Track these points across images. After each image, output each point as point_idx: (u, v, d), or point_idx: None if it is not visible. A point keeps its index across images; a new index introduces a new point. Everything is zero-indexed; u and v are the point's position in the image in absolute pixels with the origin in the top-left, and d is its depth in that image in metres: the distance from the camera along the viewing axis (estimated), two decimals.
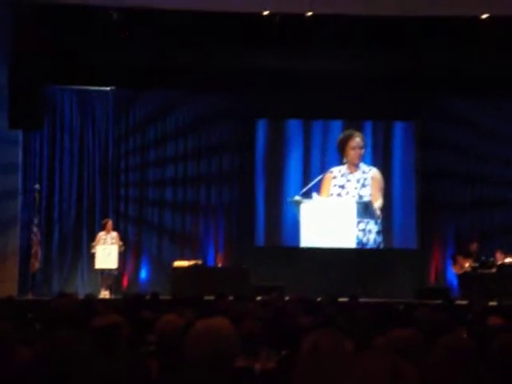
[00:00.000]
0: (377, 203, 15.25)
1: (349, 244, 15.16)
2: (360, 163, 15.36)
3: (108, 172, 15.30)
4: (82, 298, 8.36)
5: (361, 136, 15.42)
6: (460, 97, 15.30)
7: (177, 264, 14.15)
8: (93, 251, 13.93)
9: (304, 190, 15.17)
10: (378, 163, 15.46)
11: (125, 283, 14.90)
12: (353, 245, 15.19)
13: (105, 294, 13.51)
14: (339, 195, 15.31)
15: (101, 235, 13.99)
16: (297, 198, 15.17)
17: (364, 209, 15.19)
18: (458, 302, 10.28)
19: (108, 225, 14.09)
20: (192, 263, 14.16)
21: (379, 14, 12.32)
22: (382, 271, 14.90)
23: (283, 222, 15.36)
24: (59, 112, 15.15)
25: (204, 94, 15.28)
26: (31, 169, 14.75)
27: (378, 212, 15.24)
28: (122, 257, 14.38)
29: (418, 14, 12.30)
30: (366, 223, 15.22)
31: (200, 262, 14.39)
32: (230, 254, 15.15)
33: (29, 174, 14.65)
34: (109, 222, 14.16)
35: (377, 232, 15.24)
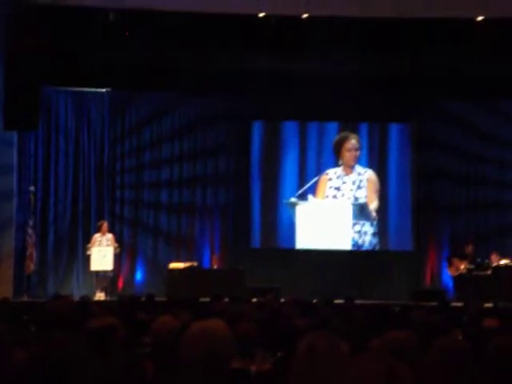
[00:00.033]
0: (372, 205, 15.26)
1: (344, 246, 15.17)
2: (356, 165, 15.37)
3: (103, 174, 15.28)
4: (78, 300, 8.35)
5: (356, 138, 15.44)
6: (455, 98, 15.33)
7: (172, 266, 14.15)
8: (88, 253, 13.92)
9: (300, 192, 15.18)
10: (374, 165, 15.48)
11: (120, 285, 14.89)
12: (348, 247, 15.21)
13: (100, 296, 13.50)
14: (335, 197, 15.32)
15: (96, 237, 13.98)
16: (292, 200, 15.17)
17: (360, 210, 15.21)
18: (454, 304, 10.29)
19: (103, 227, 14.07)
20: (187, 265, 14.17)
21: (375, 16, 12.34)
22: (378, 273, 14.91)
23: (279, 224, 15.36)
24: (54, 113, 15.13)
25: (200, 96, 15.28)
26: (26, 170, 14.71)
27: (374, 214, 15.25)
28: (118, 259, 14.38)
29: (414, 16, 12.32)
30: (362, 225, 15.23)
31: (195, 264, 14.40)
32: (226, 256, 15.15)
33: (24, 176, 14.61)
34: (104, 224, 14.14)
35: (372, 234, 15.25)
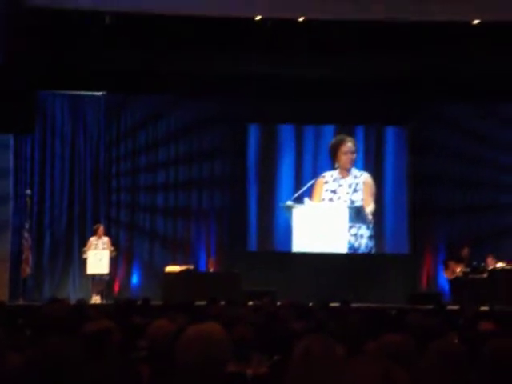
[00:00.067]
0: (368, 208, 15.27)
1: (340, 249, 15.17)
2: (352, 168, 15.38)
3: (99, 177, 15.26)
4: (74, 304, 8.33)
5: (352, 141, 15.44)
6: (452, 101, 15.35)
7: (168, 269, 14.13)
8: (84, 256, 13.90)
9: (296, 195, 15.18)
10: (370, 168, 15.48)
11: (116, 288, 14.86)
12: (344, 250, 15.21)
13: (96, 300, 13.48)
14: (331, 200, 15.32)
15: (92, 240, 13.96)
16: (289, 203, 15.17)
17: (356, 214, 15.21)
18: (450, 307, 10.30)
19: (99, 230, 14.06)
20: (184, 268, 14.15)
21: (371, 19, 12.35)
22: (374, 276, 14.91)
23: (275, 227, 15.36)
24: (50, 117, 15.11)
25: (196, 99, 15.27)
26: (22, 174, 14.69)
27: (370, 217, 15.25)
28: (114, 262, 14.35)
29: (410, 20, 12.33)
30: (358, 228, 15.23)
31: (192, 267, 14.38)
32: (222, 259, 15.13)
33: (20, 179, 14.60)
34: (100, 228, 14.13)
35: (368, 237, 15.25)
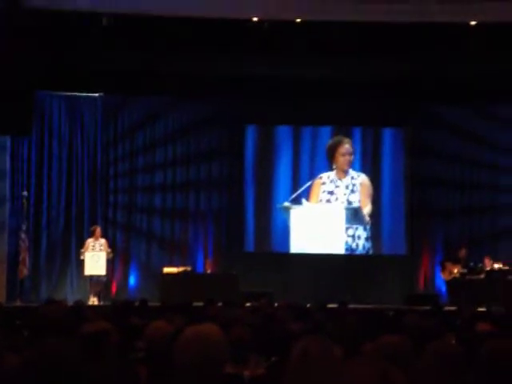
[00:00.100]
0: (366, 209, 15.27)
1: (338, 250, 15.17)
2: (349, 169, 15.38)
3: (97, 178, 15.25)
4: (71, 305, 8.33)
5: (350, 142, 15.45)
6: (450, 103, 15.34)
7: (166, 270, 14.14)
8: (81, 258, 13.90)
9: (293, 196, 15.18)
10: (367, 169, 15.49)
11: (113, 290, 14.85)
12: (342, 251, 15.21)
13: (93, 301, 13.49)
14: (328, 201, 15.32)
15: (89, 242, 13.96)
16: (286, 204, 15.17)
17: (353, 215, 15.22)
18: (447, 308, 10.31)
19: (96, 231, 14.06)
20: (181, 269, 14.15)
21: (369, 21, 12.34)
22: (371, 277, 14.92)
23: (273, 228, 15.36)
24: (48, 118, 15.10)
25: (193, 100, 15.27)
26: (19, 175, 14.68)
27: (367, 218, 15.26)
28: (111, 263, 14.36)
29: (408, 21, 12.33)
30: (355, 229, 15.24)
31: (189, 269, 14.38)
32: (220, 260, 15.13)
33: (17, 181, 14.58)
34: (97, 229, 14.13)
35: (366, 238, 15.26)
